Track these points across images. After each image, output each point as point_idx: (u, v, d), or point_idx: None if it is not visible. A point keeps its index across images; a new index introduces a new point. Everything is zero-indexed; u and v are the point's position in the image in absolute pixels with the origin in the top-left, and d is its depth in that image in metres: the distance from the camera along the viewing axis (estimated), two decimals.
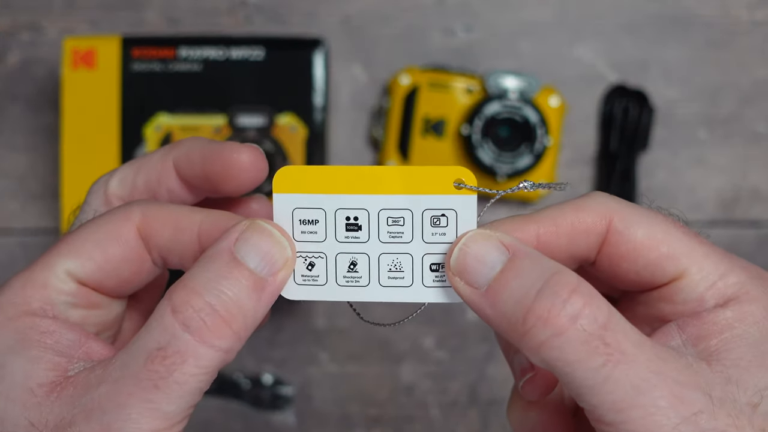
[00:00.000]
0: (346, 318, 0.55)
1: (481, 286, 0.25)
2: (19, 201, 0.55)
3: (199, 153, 0.29)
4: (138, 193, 0.30)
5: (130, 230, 0.27)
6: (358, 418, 0.56)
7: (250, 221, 0.26)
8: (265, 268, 0.25)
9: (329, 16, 0.56)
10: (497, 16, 0.56)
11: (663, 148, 0.56)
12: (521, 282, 0.24)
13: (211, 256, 0.25)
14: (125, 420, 0.24)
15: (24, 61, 0.55)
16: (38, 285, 0.27)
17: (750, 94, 0.56)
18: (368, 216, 0.27)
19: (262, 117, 0.50)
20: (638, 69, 0.56)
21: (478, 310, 0.25)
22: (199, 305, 0.24)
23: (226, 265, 0.25)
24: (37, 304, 0.27)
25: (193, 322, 0.24)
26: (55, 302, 0.27)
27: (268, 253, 0.25)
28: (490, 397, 0.55)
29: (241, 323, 0.24)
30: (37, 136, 0.55)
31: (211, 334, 0.24)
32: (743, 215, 0.56)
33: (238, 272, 0.25)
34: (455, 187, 0.27)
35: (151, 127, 0.50)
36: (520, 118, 0.52)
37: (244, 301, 0.24)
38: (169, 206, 0.28)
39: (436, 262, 0.27)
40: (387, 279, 0.27)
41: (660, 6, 0.56)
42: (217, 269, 0.25)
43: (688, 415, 0.23)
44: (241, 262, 0.25)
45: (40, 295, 0.27)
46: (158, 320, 0.24)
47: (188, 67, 0.50)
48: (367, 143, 0.56)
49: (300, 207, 0.27)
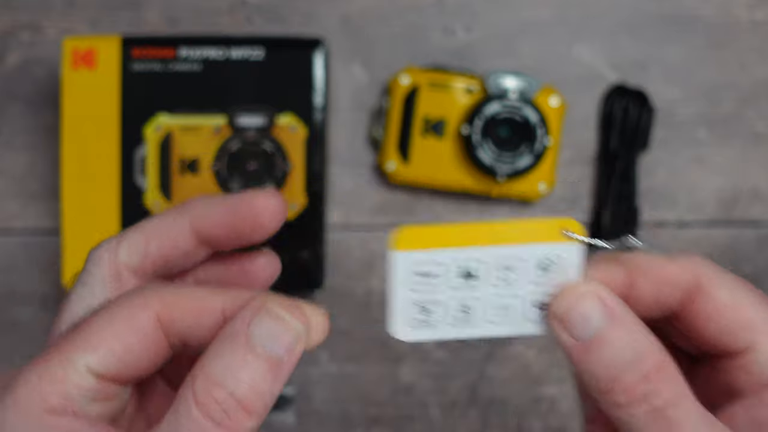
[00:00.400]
0: (347, 318, 0.55)
1: (579, 339, 0.28)
2: (19, 201, 0.55)
3: (222, 209, 0.29)
4: (150, 261, 0.30)
5: (150, 318, 0.27)
6: (357, 418, 0.56)
7: (261, 302, 0.27)
8: (280, 350, 0.26)
9: (329, 16, 0.56)
10: (497, 16, 0.56)
11: (663, 148, 0.56)
12: (614, 351, 0.27)
13: (226, 339, 0.26)
14: None
15: (24, 61, 0.55)
16: (57, 380, 0.26)
17: (750, 94, 0.56)
18: (482, 265, 0.29)
19: (262, 117, 0.50)
20: (638, 69, 0.56)
21: (571, 356, 0.28)
22: (221, 397, 0.25)
23: (241, 350, 0.26)
24: (56, 400, 0.26)
25: (217, 414, 0.25)
26: (75, 398, 0.26)
27: (281, 338, 0.26)
28: (490, 397, 0.55)
29: (260, 405, 0.26)
30: (37, 136, 0.55)
31: (234, 423, 0.25)
32: (743, 215, 0.56)
33: (253, 358, 0.26)
34: (563, 235, 0.29)
35: (151, 127, 0.50)
36: (520, 118, 0.52)
37: (261, 385, 0.26)
38: (189, 290, 0.28)
39: (540, 300, 0.29)
40: (493, 316, 0.30)
41: (660, 6, 0.56)
42: (232, 356, 0.26)
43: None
44: (256, 346, 0.26)
45: (58, 390, 0.26)
46: (185, 415, 0.25)
47: (188, 67, 0.50)
48: (367, 143, 0.56)
49: (419, 261, 0.29)
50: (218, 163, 0.50)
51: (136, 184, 0.50)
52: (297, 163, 0.51)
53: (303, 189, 0.51)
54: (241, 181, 0.50)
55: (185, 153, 0.50)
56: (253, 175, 0.51)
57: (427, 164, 0.54)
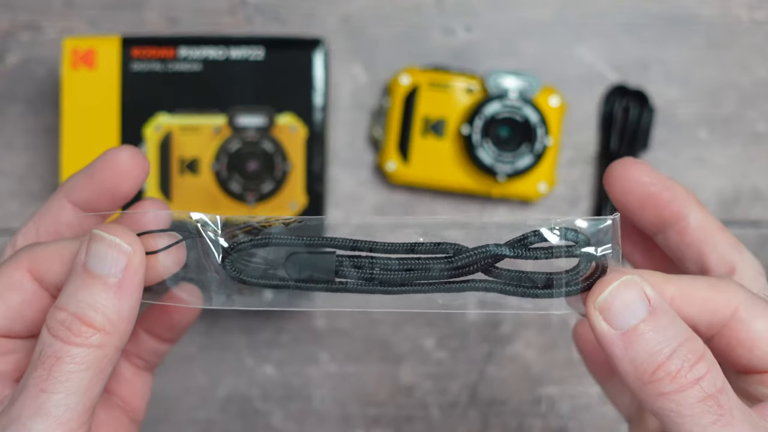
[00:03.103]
0: (347, 318, 0.55)
1: (619, 329, 0.27)
2: (19, 201, 0.55)
3: (83, 174, 0.32)
4: (43, 240, 0.33)
5: (23, 275, 0.30)
6: (357, 418, 0.56)
7: (89, 233, 0.29)
8: (112, 268, 0.28)
9: (329, 16, 0.56)
10: (497, 16, 0.56)
11: (663, 148, 0.56)
12: (658, 337, 0.27)
13: (71, 273, 0.29)
14: (21, 429, 0.27)
15: (24, 61, 0.55)
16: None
17: (750, 94, 0.56)
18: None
19: (262, 117, 0.50)
20: (638, 69, 0.56)
21: (608, 347, 0.28)
22: (62, 317, 0.28)
23: (80, 278, 0.28)
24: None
25: (60, 331, 0.28)
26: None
27: (110, 258, 0.28)
28: (490, 397, 0.55)
29: (104, 320, 0.28)
30: (37, 136, 0.55)
31: (74, 335, 0.27)
32: (743, 215, 0.56)
33: (90, 280, 0.28)
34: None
35: (151, 127, 0.50)
36: (521, 117, 0.52)
37: (102, 302, 0.28)
38: (53, 243, 0.31)
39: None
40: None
41: (660, 6, 0.56)
42: (74, 284, 0.28)
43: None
44: (91, 270, 0.28)
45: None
46: (40, 340, 0.28)
47: (188, 67, 0.50)
48: (367, 143, 0.56)
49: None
50: (218, 163, 0.50)
51: None
52: (297, 163, 0.50)
53: (303, 189, 0.51)
54: (241, 181, 0.50)
55: (185, 153, 0.50)
56: (253, 175, 0.51)
57: (427, 164, 0.54)
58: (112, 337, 0.28)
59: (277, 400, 0.55)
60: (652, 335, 0.27)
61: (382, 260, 0.29)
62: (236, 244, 0.30)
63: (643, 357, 0.27)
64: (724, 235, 0.33)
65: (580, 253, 0.29)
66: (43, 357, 0.27)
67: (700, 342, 0.27)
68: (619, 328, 0.27)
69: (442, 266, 0.29)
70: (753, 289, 0.31)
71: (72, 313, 0.28)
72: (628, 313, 0.27)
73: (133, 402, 0.36)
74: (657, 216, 0.33)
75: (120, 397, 0.36)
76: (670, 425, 0.27)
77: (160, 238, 0.30)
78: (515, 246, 0.29)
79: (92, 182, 0.32)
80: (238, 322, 0.55)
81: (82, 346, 0.27)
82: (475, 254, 0.29)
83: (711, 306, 0.29)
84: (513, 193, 0.54)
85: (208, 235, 0.30)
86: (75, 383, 0.27)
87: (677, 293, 0.29)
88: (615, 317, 0.27)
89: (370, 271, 0.29)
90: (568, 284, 0.29)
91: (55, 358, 0.27)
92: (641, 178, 0.32)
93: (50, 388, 0.27)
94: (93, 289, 0.28)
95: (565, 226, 0.29)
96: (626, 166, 0.32)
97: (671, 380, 0.26)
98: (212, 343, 0.55)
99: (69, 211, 0.33)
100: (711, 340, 0.30)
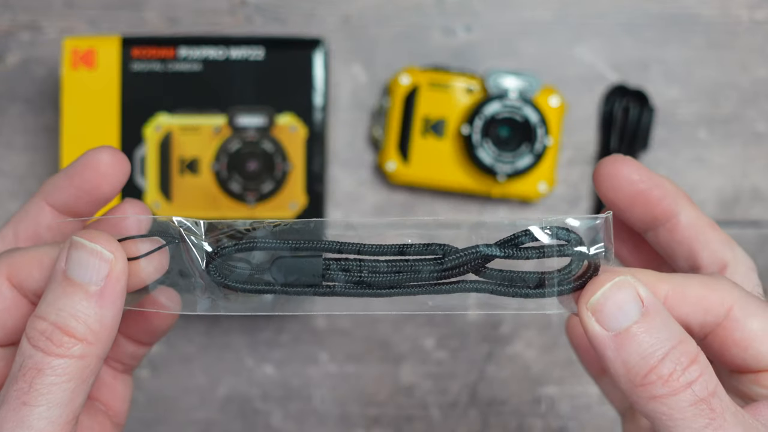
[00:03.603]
0: (346, 318, 0.55)
1: (612, 331, 0.27)
2: (19, 201, 0.55)
3: (62, 176, 0.31)
4: (22, 244, 0.32)
5: (1, 282, 0.29)
6: (357, 418, 0.56)
7: (69, 240, 0.28)
8: (92, 277, 0.27)
9: (329, 16, 0.56)
10: (497, 16, 0.56)
11: (663, 148, 0.56)
12: (650, 340, 0.26)
13: (51, 281, 0.28)
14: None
15: (24, 61, 0.55)
16: None
17: (750, 94, 0.56)
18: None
19: (262, 117, 0.50)
20: (638, 69, 0.56)
21: (600, 348, 0.27)
22: (43, 327, 0.27)
23: (60, 286, 0.27)
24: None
25: (41, 342, 0.27)
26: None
27: (90, 266, 0.27)
28: (490, 397, 0.55)
29: (84, 330, 0.27)
30: (37, 136, 0.55)
31: (56, 346, 0.27)
32: (743, 215, 0.56)
33: (71, 289, 0.27)
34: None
35: (151, 127, 0.50)
36: (521, 117, 0.52)
37: (83, 311, 0.27)
38: (32, 248, 0.30)
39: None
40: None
41: (660, 6, 0.56)
42: (54, 292, 0.27)
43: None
44: (71, 279, 0.27)
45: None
46: (20, 351, 0.27)
47: (188, 67, 0.50)
48: (367, 143, 0.56)
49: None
50: (218, 163, 0.50)
51: (135, 184, 0.50)
52: (297, 163, 0.50)
53: (303, 189, 0.51)
54: (241, 181, 0.50)
55: (185, 153, 0.50)
56: (253, 175, 0.51)
57: (427, 164, 0.54)
58: (94, 347, 0.27)
59: (277, 400, 0.55)
60: (645, 337, 0.26)
61: (371, 263, 0.29)
62: (220, 248, 0.29)
63: (635, 359, 0.26)
64: (716, 231, 0.32)
65: (571, 252, 0.28)
66: (24, 369, 0.27)
67: (693, 344, 0.27)
68: (612, 329, 0.27)
69: (431, 268, 0.29)
70: (746, 285, 0.31)
71: (52, 322, 0.27)
72: (621, 314, 0.27)
73: (115, 406, 0.35)
74: (647, 213, 0.32)
75: (102, 401, 0.35)
76: (662, 428, 0.27)
77: (141, 243, 0.29)
78: (506, 246, 0.28)
79: (72, 184, 0.31)
80: (238, 322, 0.55)
81: (63, 357, 0.27)
82: (465, 255, 0.28)
83: (705, 305, 0.29)
84: (513, 193, 0.54)
85: (192, 240, 0.29)
86: (57, 395, 0.27)
87: (670, 292, 0.29)
88: (607, 319, 0.27)
89: (359, 274, 0.29)
90: (560, 284, 0.28)
91: (36, 370, 0.27)
92: (630, 176, 0.32)
93: (32, 401, 0.26)
94: (74, 298, 0.27)
95: (557, 225, 0.28)
96: (615, 163, 0.32)
97: (663, 383, 0.26)
98: (212, 343, 0.55)
99: (48, 213, 0.32)
100: (704, 339, 0.29)
